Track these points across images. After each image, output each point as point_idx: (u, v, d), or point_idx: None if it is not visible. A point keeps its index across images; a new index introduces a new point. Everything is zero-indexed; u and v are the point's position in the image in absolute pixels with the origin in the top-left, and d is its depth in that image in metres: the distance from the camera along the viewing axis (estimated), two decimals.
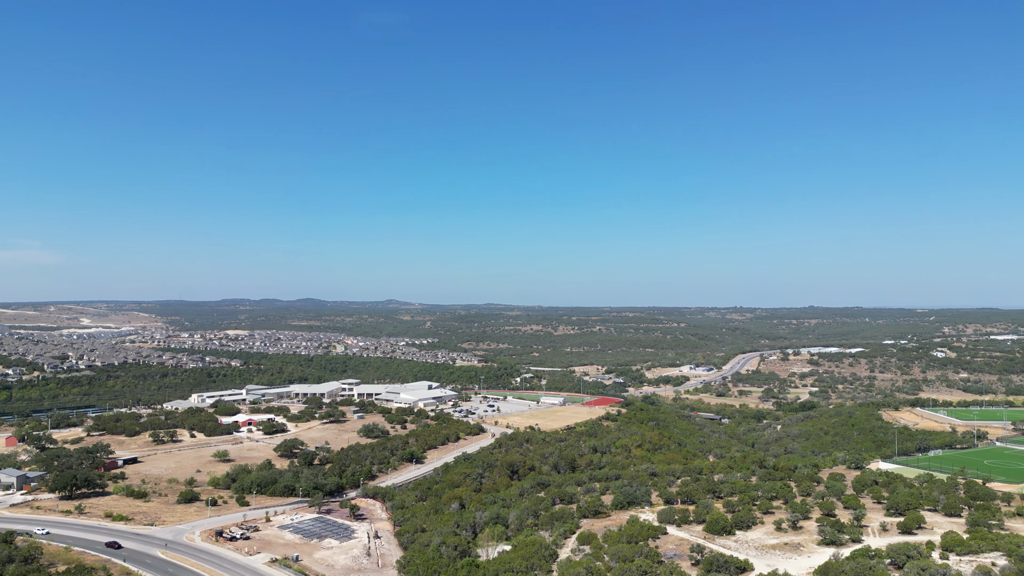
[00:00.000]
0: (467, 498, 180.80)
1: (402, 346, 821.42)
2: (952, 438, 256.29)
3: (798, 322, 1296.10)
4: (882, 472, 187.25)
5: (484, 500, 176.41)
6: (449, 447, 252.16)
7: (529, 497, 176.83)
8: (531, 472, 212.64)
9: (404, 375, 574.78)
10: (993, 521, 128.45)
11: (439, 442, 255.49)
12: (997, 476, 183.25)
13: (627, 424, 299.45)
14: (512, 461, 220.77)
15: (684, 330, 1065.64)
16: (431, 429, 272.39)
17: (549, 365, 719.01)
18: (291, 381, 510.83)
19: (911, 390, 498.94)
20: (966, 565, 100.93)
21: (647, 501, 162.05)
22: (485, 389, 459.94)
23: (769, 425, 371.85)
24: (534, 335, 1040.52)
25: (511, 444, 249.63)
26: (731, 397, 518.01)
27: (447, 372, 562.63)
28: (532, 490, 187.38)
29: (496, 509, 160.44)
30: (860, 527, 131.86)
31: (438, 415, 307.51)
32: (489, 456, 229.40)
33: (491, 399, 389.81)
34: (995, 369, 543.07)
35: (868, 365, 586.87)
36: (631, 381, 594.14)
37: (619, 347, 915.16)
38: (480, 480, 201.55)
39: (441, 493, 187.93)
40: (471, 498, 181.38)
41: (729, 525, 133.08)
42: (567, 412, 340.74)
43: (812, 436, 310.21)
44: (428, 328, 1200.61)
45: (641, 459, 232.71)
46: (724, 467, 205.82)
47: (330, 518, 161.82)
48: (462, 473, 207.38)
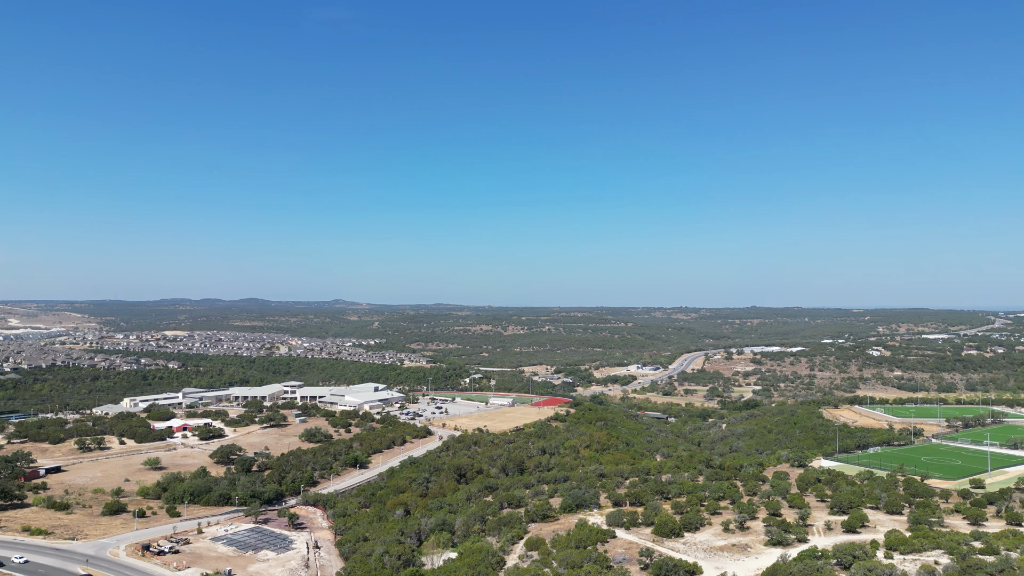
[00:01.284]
0: (412, 504, 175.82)
1: (348, 347, 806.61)
2: (890, 435, 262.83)
3: (741, 322, 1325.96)
4: (825, 470, 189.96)
5: (430, 506, 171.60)
6: (395, 451, 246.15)
7: (476, 501, 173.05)
8: (479, 475, 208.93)
9: (350, 377, 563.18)
10: (933, 519, 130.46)
11: (384, 446, 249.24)
12: (934, 473, 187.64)
13: (575, 424, 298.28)
14: (460, 464, 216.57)
15: (631, 330, 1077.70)
16: (376, 433, 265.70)
17: (499, 365, 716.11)
18: (232, 384, 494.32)
19: (849, 388, 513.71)
20: (910, 564, 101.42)
21: (595, 503, 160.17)
22: (433, 391, 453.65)
23: (714, 424, 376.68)
24: (484, 335, 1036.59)
25: (459, 447, 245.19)
26: (677, 396, 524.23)
27: (395, 373, 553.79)
28: (480, 494, 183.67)
29: (442, 515, 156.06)
30: (806, 526, 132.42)
31: (384, 418, 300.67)
32: (436, 460, 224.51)
33: (439, 401, 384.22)
34: (927, 367, 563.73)
35: (808, 364, 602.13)
36: (580, 381, 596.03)
37: (568, 347, 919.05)
38: (426, 485, 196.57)
39: (385, 499, 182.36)
40: (417, 504, 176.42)
41: (677, 527, 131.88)
42: (516, 413, 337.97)
43: (756, 434, 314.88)
44: (376, 329, 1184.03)
45: (589, 460, 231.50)
46: (671, 467, 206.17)
47: (267, 528, 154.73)
48: (408, 478, 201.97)
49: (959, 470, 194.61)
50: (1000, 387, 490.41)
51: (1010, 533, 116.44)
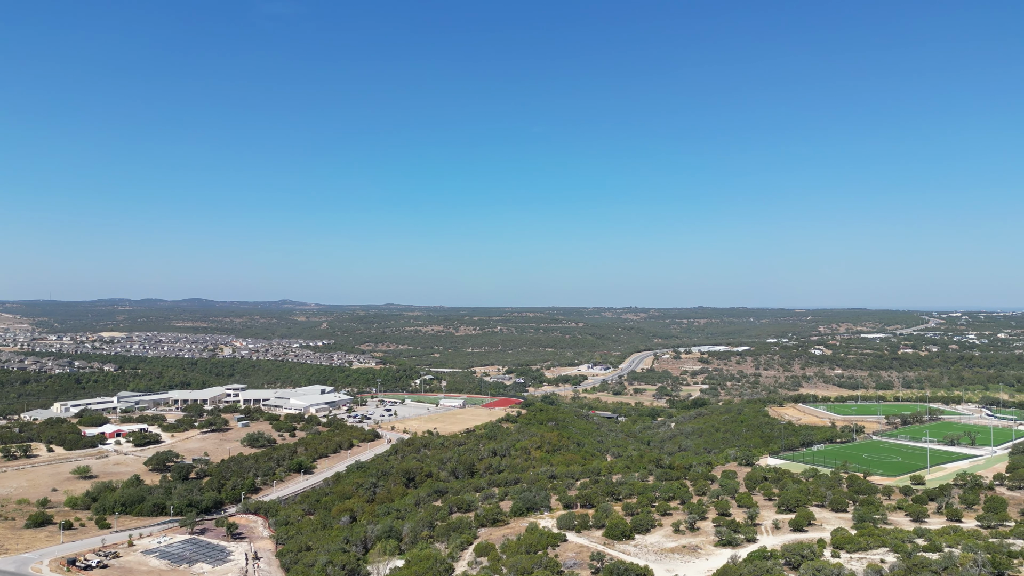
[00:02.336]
0: (359, 510, 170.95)
1: (295, 348, 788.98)
2: (832, 433, 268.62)
3: (689, 322, 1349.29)
4: (771, 468, 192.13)
5: (377, 512, 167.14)
6: (341, 455, 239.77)
7: (425, 506, 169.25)
8: (428, 479, 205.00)
9: (297, 379, 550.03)
10: (877, 516, 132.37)
11: (331, 450, 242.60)
12: (876, 470, 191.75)
13: (527, 425, 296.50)
14: (408, 468, 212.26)
15: (582, 330, 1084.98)
16: (322, 436, 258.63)
17: (450, 366, 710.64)
18: (171, 387, 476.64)
19: (793, 386, 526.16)
20: (857, 563, 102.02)
21: (546, 506, 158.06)
22: (383, 392, 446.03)
23: (664, 423, 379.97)
24: (435, 336, 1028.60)
25: (408, 450, 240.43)
26: (627, 395, 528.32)
27: (343, 375, 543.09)
28: (429, 498, 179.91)
29: (389, 521, 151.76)
30: (754, 526, 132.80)
31: (331, 421, 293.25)
32: (384, 464, 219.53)
33: (388, 403, 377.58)
34: (866, 365, 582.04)
35: (754, 363, 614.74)
36: (531, 381, 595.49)
37: (520, 347, 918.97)
38: (374, 490, 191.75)
39: (331, 506, 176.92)
40: (363, 510, 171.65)
41: (628, 529, 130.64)
42: (467, 414, 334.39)
43: (704, 433, 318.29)
44: (324, 329, 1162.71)
45: (541, 461, 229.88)
46: (622, 467, 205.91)
47: (204, 539, 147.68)
48: (354, 483, 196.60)
49: (899, 467, 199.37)
50: (935, 384, 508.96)
51: (951, 530, 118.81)
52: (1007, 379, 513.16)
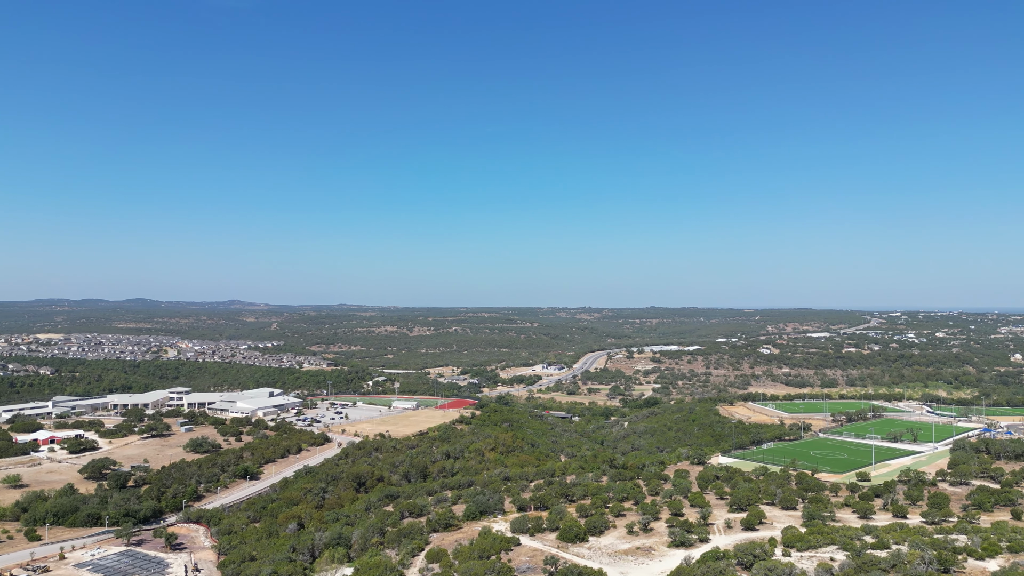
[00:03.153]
0: (307, 517, 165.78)
1: (243, 349, 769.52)
2: (781, 431, 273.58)
3: (641, 321, 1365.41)
4: (723, 467, 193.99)
5: (326, 518, 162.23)
6: (290, 460, 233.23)
7: (376, 512, 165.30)
8: (379, 483, 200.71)
9: (244, 381, 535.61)
10: (826, 513, 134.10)
11: (278, 455, 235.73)
12: (823, 467, 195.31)
13: (481, 427, 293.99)
14: (359, 472, 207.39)
15: (537, 330, 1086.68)
16: (270, 441, 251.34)
17: (404, 367, 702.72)
18: (111, 390, 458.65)
19: (742, 385, 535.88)
20: (807, 562, 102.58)
21: (500, 509, 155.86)
22: (334, 395, 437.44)
23: (617, 422, 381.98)
24: (388, 336, 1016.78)
25: (359, 454, 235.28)
26: (581, 395, 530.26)
27: (292, 377, 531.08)
28: (380, 503, 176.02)
29: (338, 528, 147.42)
30: (707, 525, 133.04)
31: (279, 425, 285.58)
32: (334, 468, 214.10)
33: (339, 405, 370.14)
34: (812, 364, 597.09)
35: (704, 362, 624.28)
36: (486, 382, 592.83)
37: (475, 347, 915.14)
38: (323, 495, 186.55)
39: (277, 513, 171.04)
40: (311, 516, 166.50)
41: (582, 531, 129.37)
42: (420, 416, 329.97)
43: (657, 432, 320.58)
44: (274, 330, 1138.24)
45: (495, 463, 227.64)
46: (576, 467, 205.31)
47: (140, 551, 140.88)
48: (302, 489, 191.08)
49: (846, 463, 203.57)
50: (876, 382, 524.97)
51: (897, 527, 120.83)
52: (945, 377, 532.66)
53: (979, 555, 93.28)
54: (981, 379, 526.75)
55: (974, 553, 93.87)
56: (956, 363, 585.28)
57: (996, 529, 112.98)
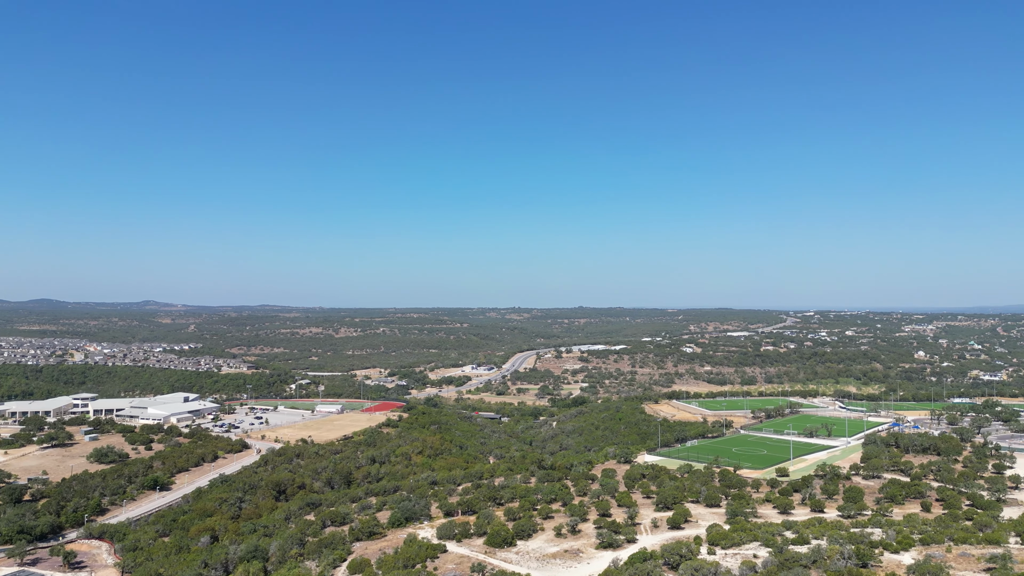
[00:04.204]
0: (221, 529, 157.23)
1: (158, 352, 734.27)
2: (704, 428, 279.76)
3: (569, 321, 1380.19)
4: (649, 465, 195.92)
5: (242, 530, 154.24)
6: (204, 468, 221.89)
7: (296, 521, 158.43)
8: (301, 491, 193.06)
9: (158, 386, 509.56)
10: (748, 509, 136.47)
11: (192, 463, 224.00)
12: (744, 463, 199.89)
13: (408, 429, 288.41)
14: (279, 480, 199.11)
15: (467, 330, 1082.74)
16: (183, 449, 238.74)
17: (329, 370, 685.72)
18: (10, 397, 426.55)
19: (666, 383, 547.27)
20: (732, 559, 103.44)
21: (426, 515, 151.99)
22: (254, 399, 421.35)
23: (545, 422, 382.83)
24: (313, 338, 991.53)
25: (279, 460, 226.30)
26: (510, 395, 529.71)
27: (210, 381, 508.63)
28: (300, 512, 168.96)
29: (255, 540, 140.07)
30: (634, 525, 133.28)
31: (194, 432, 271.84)
32: (252, 476, 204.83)
33: (259, 410, 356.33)
34: (732, 362, 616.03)
35: (630, 361, 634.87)
36: (414, 383, 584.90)
37: (403, 348, 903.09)
38: (239, 505, 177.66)
39: (189, 525, 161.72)
40: (227, 528, 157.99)
41: (510, 536, 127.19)
42: (345, 420, 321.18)
43: (585, 431, 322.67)
44: (192, 332, 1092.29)
45: (422, 466, 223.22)
46: (505, 469, 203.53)
47: (35, 571, 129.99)
48: (217, 499, 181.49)
49: (766, 459, 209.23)
50: (792, 379, 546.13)
51: (816, 521, 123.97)
52: (855, 373, 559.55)
53: (894, 548, 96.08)
54: (888, 375, 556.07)
55: (889, 547, 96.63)
56: (865, 360, 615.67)
57: (908, 522, 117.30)
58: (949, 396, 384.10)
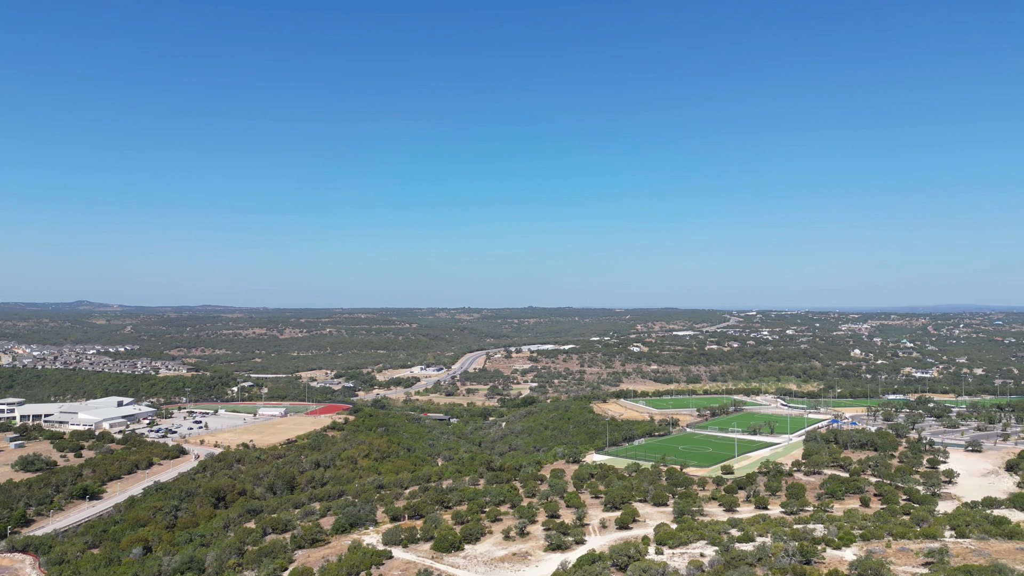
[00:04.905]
0: (155, 539, 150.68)
1: (92, 355, 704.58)
2: (651, 427, 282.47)
3: (519, 321, 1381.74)
4: (597, 465, 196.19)
5: (177, 540, 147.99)
6: (138, 476, 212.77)
7: (235, 529, 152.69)
8: (241, 498, 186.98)
9: (91, 390, 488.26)
10: (695, 508, 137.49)
11: (125, 471, 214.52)
12: (691, 461, 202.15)
13: (355, 432, 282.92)
14: (218, 487, 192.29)
15: (416, 331, 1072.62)
16: (116, 455, 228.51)
17: (273, 371, 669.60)
18: None
19: (614, 382, 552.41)
20: (679, 559, 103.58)
21: (372, 520, 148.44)
22: (193, 403, 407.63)
23: (495, 422, 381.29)
24: (257, 339, 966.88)
25: (218, 466, 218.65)
26: (460, 396, 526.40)
27: (147, 384, 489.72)
28: (240, 520, 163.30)
29: (191, 550, 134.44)
30: (583, 526, 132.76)
31: (128, 437, 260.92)
32: (189, 483, 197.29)
33: (198, 414, 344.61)
34: (678, 361, 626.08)
35: (579, 360, 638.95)
36: (362, 385, 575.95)
37: (350, 349, 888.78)
38: (175, 514, 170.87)
39: (120, 536, 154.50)
40: (161, 539, 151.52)
41: (457, 540, 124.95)
42: (289, 424, 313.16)
43: (534, 431, 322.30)
44: (128, 333, 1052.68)
45: (368, 470, 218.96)
46: (453, 471, 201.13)
47: None
48: (151, 507, 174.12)
49: (711, 457, 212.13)
50: (736, 377, 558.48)
51: (760, 518, 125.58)
52: (795, 371, 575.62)
53: (836, 544, 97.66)
54: (826, 373, 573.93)
55: (831, 543, 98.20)
56: (804, 358, 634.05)
57: (849, 517, 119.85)
58: (884, 393, 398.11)
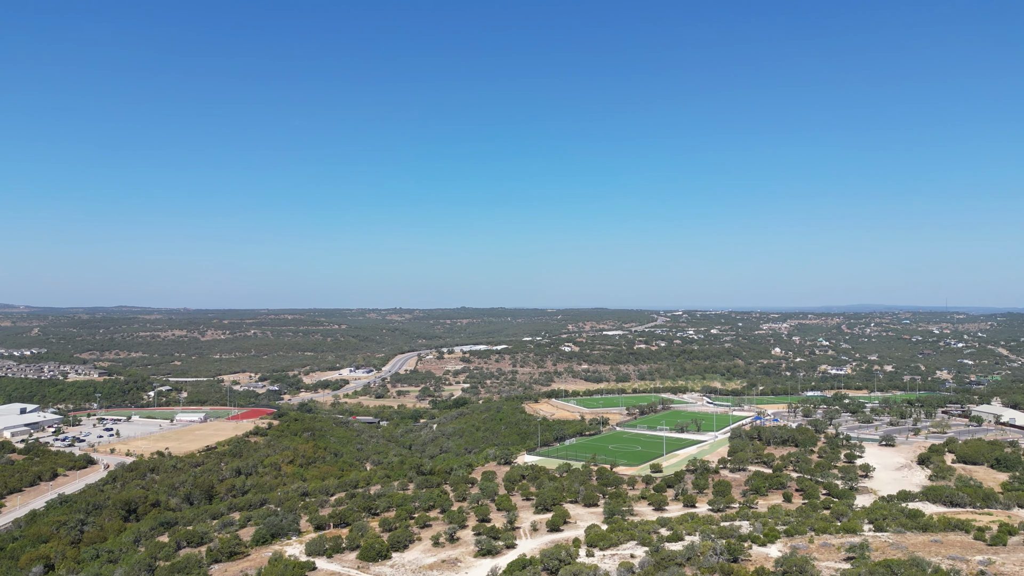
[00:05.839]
0: (58, 556, 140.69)
1: None
2: (582, 426, 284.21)
3: (452, 322, 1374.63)
4: (528, 466, 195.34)
5: (82, 556, 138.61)
6: (41, 488, 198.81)
7: (147, 544, 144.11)
8: (154, 509, 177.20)
9: None
10: (625, 508, 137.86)
11: (27, 483, 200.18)
12: (621, 460, 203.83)
13: (279, 438, 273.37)
14: (129, 498, 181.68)
15: (345, 332, 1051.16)
16: (16, 467, 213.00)
17: (193, 375, 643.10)
18: None
19: (546, 382, 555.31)
20: (610, 560, 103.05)
21: (295, 530, 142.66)
22: (105, 409, 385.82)
23: (426, 425, 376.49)
24: (177, 341, 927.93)
25: (130, 476, 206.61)
26: (390, 398, 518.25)
27: (55, 390, 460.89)
28: (152, 533, 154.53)
29: (97, 567, 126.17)
30: (514, 529, 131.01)
31: (30, 447, 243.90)
32: (97, 495, 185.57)
33: (109, 421, 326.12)
34: (608, 360, 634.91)
35: (511, 360, 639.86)
36: (288, 388, 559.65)
37: (276, 351, 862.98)
38: (81, 528, 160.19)
39: (20, 553, 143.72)
40: (64, 555, 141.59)
41: (385, 548, 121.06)
42: (208, 430, 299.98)
43: (466, 433, 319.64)
44: (35, 336, 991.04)
45: (293, 477, 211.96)
46: (381, 476, 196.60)
47: None
48: (55, 522, 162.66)
49: (641, 455, 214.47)
50: (663, 376, 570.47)
51: (689, 516, 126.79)
52: (720, 369, 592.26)
53: (762, 541, 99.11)
54: (749, 370, 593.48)
55: (757, 540, 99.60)
56: (728, 357, 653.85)
57: (773, 513, 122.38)
58: (803, 390, 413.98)
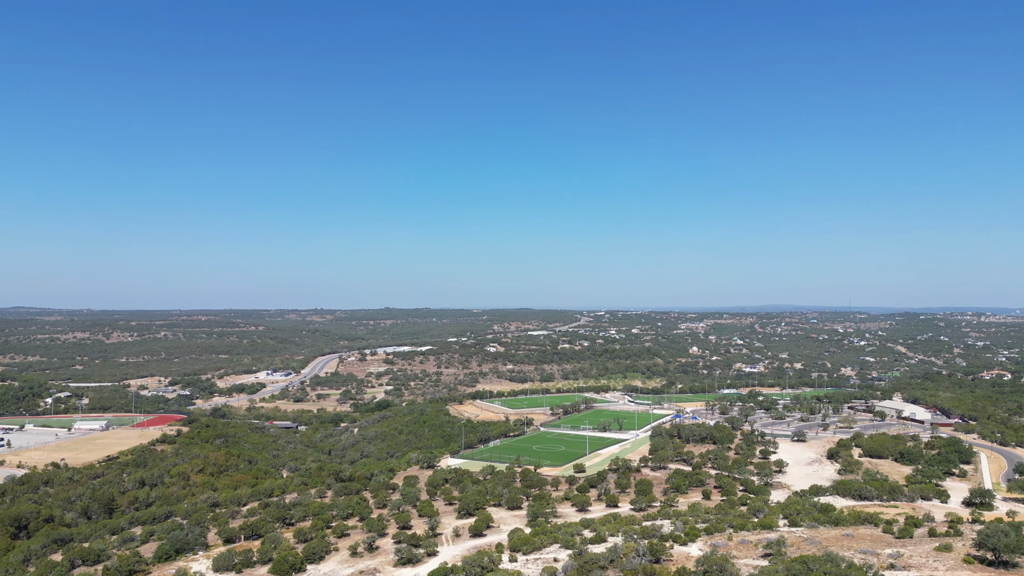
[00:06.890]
0: None
1: None
2: (507, 427, 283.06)
3: (375, 323, 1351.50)
4: (452, 469, 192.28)
5: None
6: None
7: (38, 563, 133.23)
8: (47, 525, 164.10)
9: None
10: (548, 510, 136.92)
11: None
12: (544, 460, 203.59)
13: (188, 445, 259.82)
14: (19, 514, 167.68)
15: (263, 333, 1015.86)
16: None
17: (97, 380, 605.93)
18: None
19: (471, 382, 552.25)
20: (533, 565, 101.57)
21: (202, 544, 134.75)
22: None
23: (347, 429, 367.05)
24: (79, 344, 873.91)
25: (21, 490, 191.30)
26: (309, 402, 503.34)
27: None
28: (44, 551, 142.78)
29: None
30: (435, 536, 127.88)
31: None
32: None
33: (0, 430, 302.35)
34: (532, 360, 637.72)
35: (436, 361, 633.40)
36: (200, 392, 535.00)
37: (189, 354, 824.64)
38: None
39: None
40: None
41: (299, 561, 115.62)
42: (111, 438, 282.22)
43: (388, 437, 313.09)
44: None
45: (203, 487, 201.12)
46: (298, 483, 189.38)
47: None
48: None
49: (564, 455, 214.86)
50: (586, 375, 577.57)
51: (612, 517, 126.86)
52: (640, 368, 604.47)
53: (683, 540, 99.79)
54: (668, 369, 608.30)
55: (678, 539, 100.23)
56: (648, 356, 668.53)
57: (693, 511, 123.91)
58: (720, 388, 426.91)
